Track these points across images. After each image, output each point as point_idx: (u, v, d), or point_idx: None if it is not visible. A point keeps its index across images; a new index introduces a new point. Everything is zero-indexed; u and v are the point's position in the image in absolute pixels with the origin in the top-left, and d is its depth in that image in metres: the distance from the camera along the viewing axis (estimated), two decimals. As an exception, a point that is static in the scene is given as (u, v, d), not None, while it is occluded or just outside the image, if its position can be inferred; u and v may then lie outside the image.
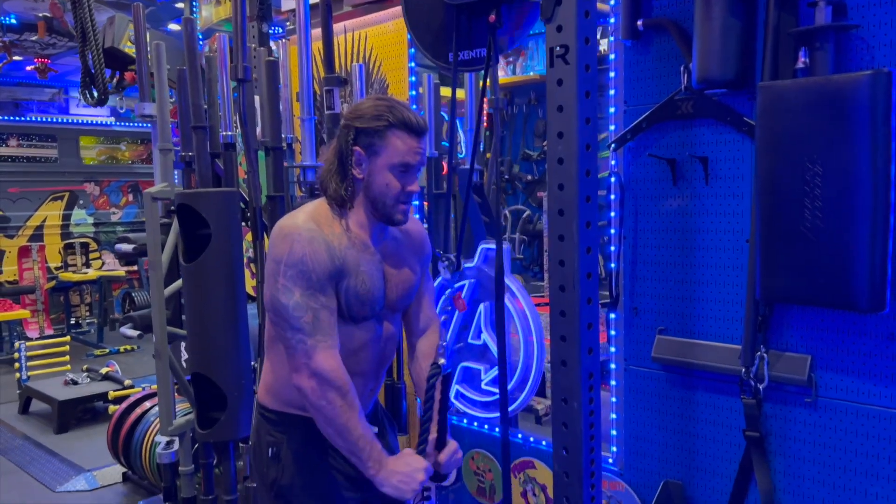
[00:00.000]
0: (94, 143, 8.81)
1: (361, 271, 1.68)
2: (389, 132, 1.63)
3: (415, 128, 1.64)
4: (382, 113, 1.63)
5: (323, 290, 1.62)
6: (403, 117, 1.63)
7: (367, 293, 1.70)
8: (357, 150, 1.65)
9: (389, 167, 1.65)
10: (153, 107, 3.05)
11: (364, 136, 1.64)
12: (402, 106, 1.66)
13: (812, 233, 1.83)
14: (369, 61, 3.17)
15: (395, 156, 1.64)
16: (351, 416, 1.61)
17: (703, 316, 2.21)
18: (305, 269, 1.60)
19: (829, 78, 1.81)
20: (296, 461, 1.75)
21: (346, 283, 1.66)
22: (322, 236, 1.64)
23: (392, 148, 1.64)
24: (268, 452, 1.76)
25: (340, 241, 1.66)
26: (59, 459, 4.48)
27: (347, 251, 1.66)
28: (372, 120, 1.63)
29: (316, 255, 1.61)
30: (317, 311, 1.61)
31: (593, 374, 1.54)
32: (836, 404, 1.96)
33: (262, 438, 1.78)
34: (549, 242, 1.53)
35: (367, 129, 1.63)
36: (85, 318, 8.35)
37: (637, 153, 2.33)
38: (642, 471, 2.39)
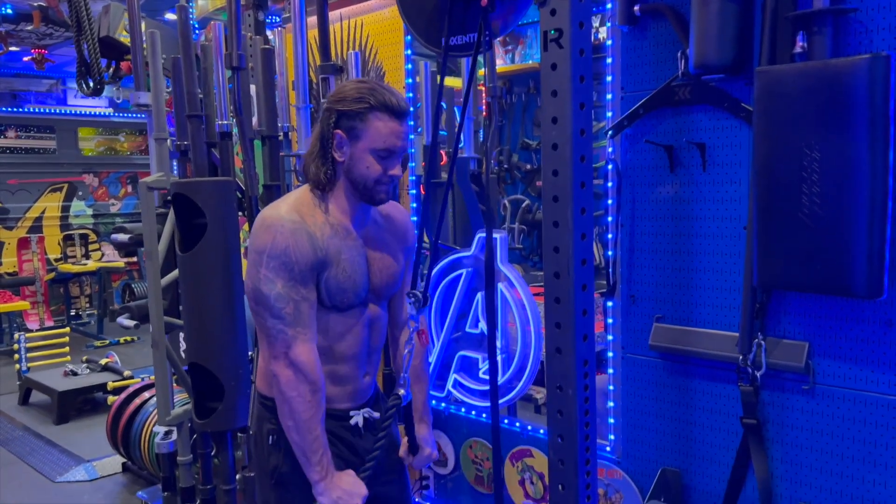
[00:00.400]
0: (92, 134, 8.79)
1: (343, 259, 1.68)
2: (371, 115, 1.62)
3: (396, 110, 1.63)
4: (364, 95, 1.62)
5: (304, 282, 1.63)
6: (385, 100, 1.62)
7: (349, 281, 1.70)
8: (338, 133, 1.64)
9: (371, 150, 1.64)
10: (148, 96, 3.03)
11: (345, 119, 1.63)
12: (385, 88, 1.65)
13: (810, 219, 1.82)
14: (365, 49, 3.15)
15: (377, 139, 1.63)
16: (314, 415, 1.62)
17: (700, 303, 2.20)
18: (288, 261, 1.60)
19: (828, 62, 1.80)
20: None
21: (327, 273, 1.66)
22: (305, 227, 1.64)
23: (373, 131, 1.63)
24: (268, 440, 1.76)
25: (323, 230, 1.66)
26: (59, 450, 4.49)
27: (330, 241, 1.66)
28: (353, 102, 1.62)
29: (299, 246, 1.61)
30: (298, 303, 1.61)
31: (588, 361, 1.53)
32: (833, 391, 1.96)
33: (263, 426, 1.78)
34: (544, 229, 1.52)
35: (348, 111, 1.62)
36: (85, 309, 8.36)
37: (634, 140, 2.32)
38: (640, 459, 2.39)
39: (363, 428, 1.80)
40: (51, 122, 8.33)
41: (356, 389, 1.81)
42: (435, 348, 2.94)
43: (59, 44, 6.38)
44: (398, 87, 3.08)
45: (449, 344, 2.92)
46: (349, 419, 1.78)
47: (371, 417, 1.82)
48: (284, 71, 3.07)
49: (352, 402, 1.80)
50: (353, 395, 1.80)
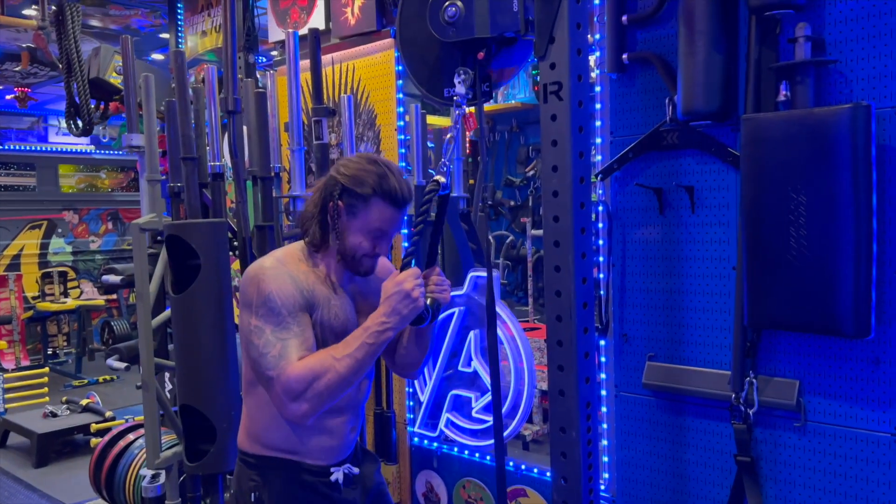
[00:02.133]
0: (73, 171, 8.73)
1: (333, 304, 1.71)
2: (373, 200, 1.66)
3: (398, 200, 1.68)
4: (374, 183, 1.66)
5: (295, 321, 1.63)
6: (390, 189, 1.66)
7: (342, 325, 1.72)
8: (340, 204, 1.69)
9: (365, 231, 1.69)
10: (142, 138, 3.05)
11: (348, 196, 1.68)
12: (395, 176, 1.68)
13: (797, 260, 1.88)
14: (357, 92, 3.20)
15: (373, 223, 1.68)
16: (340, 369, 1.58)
17: (692, 342, 2.25)
18: (274, 306, 1.62)
19: (811, 111, 1.88)
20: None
21: (318, 314, 1.68)
22: (286, 271, 1.67)
23: (371, 215, 1.68)
24: (250, 497, 1.76)
25: (307, 276, 1.70)
26: (39, 494, 4.38)
27: (315, 285, 1.70)
28: (359, 184, 1.66)
29: (282, 289, 1.63)
30: (285, 342, 1.61)
31: (591, 403, 1.56)
32: (825, 428, 2.00)
33: (244, 485, 1.78)
34: (546, 273, 1.55)
35: (353, 190, 1.67)
36: (62, 348, 8.21)
37: (624, 183, 2.38)
38: (634, 497, 2.41)
39: (343, 483, 1.80)
40: (31, 159, 8.27)
41: (340, 444, 1.81)
42: (427, 387, 2.95)
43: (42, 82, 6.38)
44: (390, 128, 3.13)
45: (441, 382, 2.93)
46: (329, 475, 1.78)
47: (350, 473, 1.82)
48: (276, 112, 3.11)
49: (333, 459, 1.80)
50: (336, 451, 1.80)
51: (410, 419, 3.13)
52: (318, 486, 1.77)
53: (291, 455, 1.75)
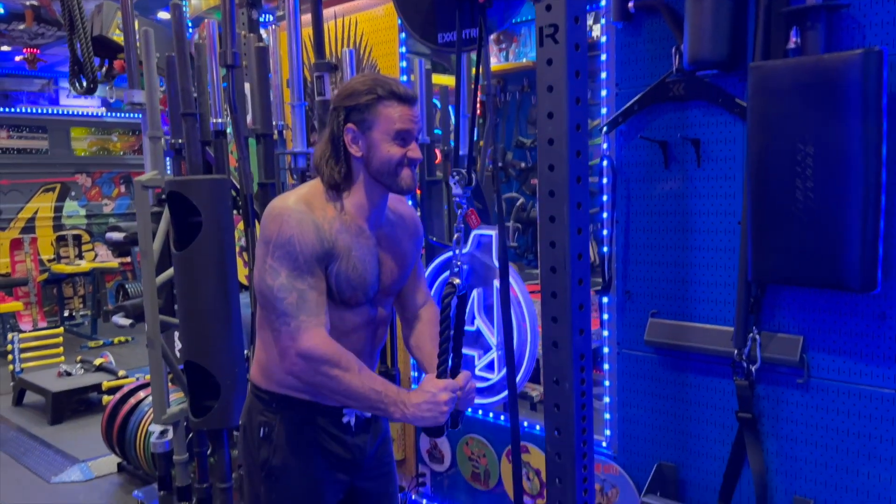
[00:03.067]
0: (85, 134, 8.75)
1: (353, 256, 1.67)
2: (379, 104, 1.62)
3: (403, 97, 1.64)
4: (369, 87, 1.62)
5: (311, 271, 1.61)
6: (391, 88, 1.63)
7: (359, 278, 1.68)
8: (350, 127, 1.64)
9: (386, 137, 1.63)
10: (142, 94, 3.02)
11: (355, 113, 1.63)
12: (388, 78, 1.66)
13: (803, 213, 1.83)
14: (360, 47, 3.15)
15: (390, 125, 1.63)
16: (351, 379, 1.59)
17: (695, 298, 2.21)
18: (293, 251, 1.59)
19: (821, 57, 1.81)
20: (288, 442, 1.75)
21: (336, 266, 1.64)
22: (312, 218, 1.62)
23: (385, 118, 1.62)
24: (259, 432, 1.76)
25: (332, 224, 1.65)
26: (54, 451, 4.47)
27: (339, 234, 1.65)
28: (360, 96, 1.62)
29: (304, 236, 1.60)
30: (302, 292, 1.59)
31: (584, 354, 1.53)
32: (828, 385, 1.97)
33: (254, 418, 1.78)
34: (540, 224, 1.52)
35: (356, 105, 1.62)
36: (78, 310, 8.32)
37: (629, 136, 2.32)
38: (636, 454, 2.40)
39: (354, 426, 1.80)
40: (43, 122, 8.28)
41: None
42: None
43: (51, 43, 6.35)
44: (393, 84, 3.07)
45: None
46: (341, 417, 1.78)
47: (362, 416, 1.81)
48: (279, 69, 3.06)
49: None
50: None
51: (415, 377, 3.14)
52: (329, 427, 1.77)
53: (304, 394, 1.73)
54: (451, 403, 1.63)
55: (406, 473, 3.23)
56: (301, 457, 1.75)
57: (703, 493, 2.24)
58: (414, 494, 3.18)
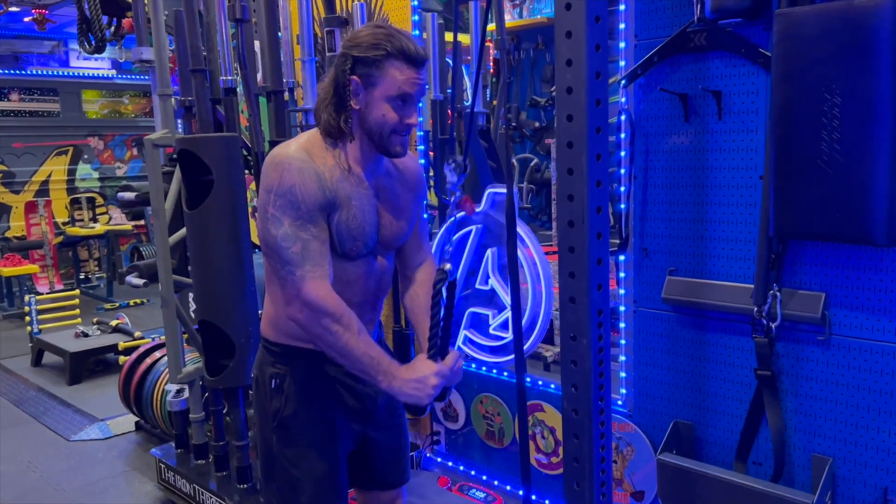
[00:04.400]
0: (96, 96, 8.71)
1: (353, 205, 1.65)
2: (387, 62, 1.57)
3: (414, 57, 1.58)
4: (380, 42, 1.56)
5: (313, 220, 1.59)
6: (402, 46, 1.57)
7: (359, 228, 1.67)
8: (354, 79, 1.59)
9: (387, 98, 1.60)
10: (151, 51, 2.97)
11: (361, 66, 1.58)
12: (402, 35, 1.59)
13: (829, 166, 1.78)
14: (371, 0, 3.07)
15: (393, 86, 1.58)
16: (350, 338, 1.59)
17: (714, 255, 2.17)
18: (295, 200, 1.57)
19: (850, 2, 1.73)
20: (298, 392, 1.75)
21: (337, 216, 1.63)
22: (313, 166, 1.60)
23: (390, 78, 1.58)
24: (271, 384, 1.76)
25: (332, 172, 1.63)
26: (73, 410, 4.53)
27: (339, 183, 1.63)
28: (369, 49, 1.56)
29: (305, 185, 1.58)
30: (306, 242, 1.58)
31: (602, 310, 1.50)
32: (850, 342, 1.94)
33: (265, 370, 1.78)
34: (558, 176, 1.48)
35: (364, 58, 1.57)
36: (94, 272, 8.38)
37: (648, 89, 2.26)
38: (652, 412, 2.39)
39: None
40: (54, 84, 8.24)
41: None
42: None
43: (59, 3, 6.27)
44: (405, 39, 3.01)
45: (459, 301, 2.90)
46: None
47: None
48: (289, 25, 3.00)
49: None
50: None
51: (428, 337, 3.13)
52: (339, 376, 1.77)
53: (314, 345, 1.71)
54: (439, 389, 1.64)
55: (421, 431, 3.24)
56: (312, 406, 1.76)
57: (719, 451, 2.23)
58: (429, 452, 3.20)
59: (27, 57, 8.04)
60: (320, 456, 1.77)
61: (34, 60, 8.11)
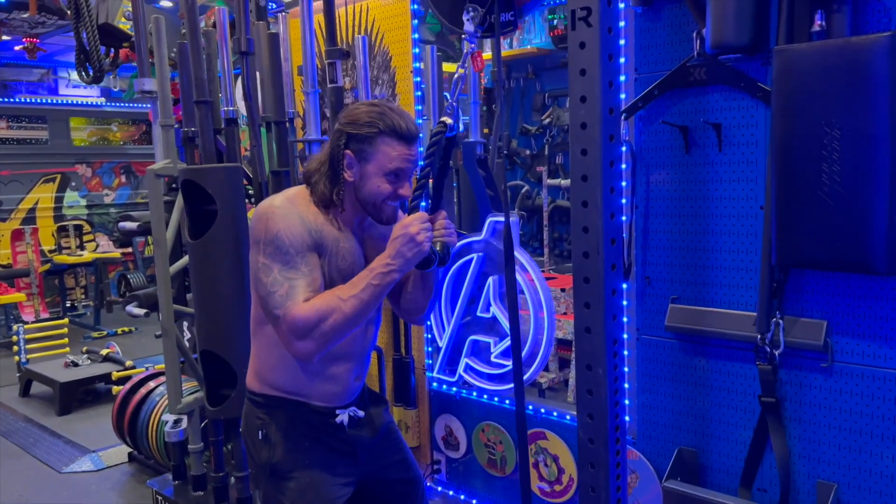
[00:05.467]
0: (84, 124, 8.69)
1: (342, 247, 1.71)
2: (379, 139, 1.64)
3: (405, 135, 1.65)
4: (373, 119, 1.64)
5: (303, 260, 1.62)
6: (394, 124, 1.63)
7: (349, 268, 1.71)
8: (348, 153, 1.67)
9: (380, 172, 1.66)
10: (154, 82, 3.00)
11: (355, 142, 1.66)
12: (395, 113, 1.66)
13: (829, 197, 1.83)
14: (372, 33, 3.12)
15: (386, 162, 1.65)
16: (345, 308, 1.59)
17: (716, 283, 2.21)
18: (282, 245, 1.61)
19: (848, 40, 1.80)
20: (285, 439, 1.77)
21: (327, 256, 1.68)
22: (296, 211, 1.66)
23: (382, 155, 1.65)
24: (258, 434, 1.79)
25: (316, 218, 1.68)
26: (64, 441, 4.47)
27: (324, 226, 1.68)
28: (363, 126, 1.64)
29: (290, 229, 1.62)
30: (293, 281, 1.61)
31: (617, 340, 1.54)
32: (852, 369, 1.97)
33: (252, 422, 1.81)
34: (573, 209, 1.52)
35: (357, 134, 1.65)
36: (81, 300, 8.30)
37: (648, 121, 2.31)
38: (656, 439, 2.40)
39: (348, 425, 1.81)
40: (42, 111, 8.23)
41: (345, 391, 1.83)
42: (445, 333, 2.95)
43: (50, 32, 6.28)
44: (405, 70, 3.06)
45: (460, 329, 2.92)
46: (334, 417, 1.79)
47: (356, 416, 1.82)
48: (289, 56, 3.04)
49: (338, 402, 1.81)
50: (341, 396, 1.82)
51: (429, 364, 3.14)
52: (322, 425, 1.79)
53: (297, 396, 1.77)
54: (426, 232, 1.62)
55: (421, 460, 3.24)
56: (300, 453, 1.77)
57: (724, 478, 2.25)
58: (429, 481, 3.19)
59: (16, 85, 8.03)
60: (317, 495, 1.78)
61: (23, 88, 8.09)
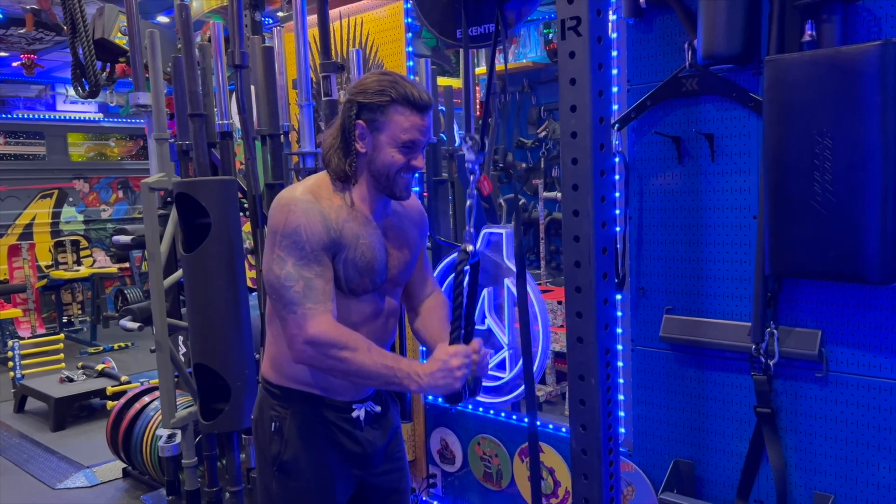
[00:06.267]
0: (82, 139, 8.71)
1: (361, 243, 1.67)
2: (392, 108, 1.61)
3: (418, 104, 1.62)
4: (385, 88, 1.60)
5: (318, 260, 1.60)
6: (407, 92, 1.61)
7: (367, 265, 1.68)
8: (360, 123, 1.63)
9: (393, 142, 1.63)
10: (148, 96, 3.00)
11: (367, 111, 1.62)
12: (407, 81, 1.63)
13: (822, 206, 1.82)
14: (366, 47, 3.14)
15: (399, 132, 1.62)
16: (362, 358, 1.58)
17: (711, 294, 2.21)
18: (300, 240, 1.59)
19: (838, 49, 1.80)
20: (299, 437, 1.74)
21: (343, 255, 1.65)
22: (318, 208, 1.63)
23: (395, 124, 1.62)
24: (271, 427, 1.75)
25: (339, 213, 1.65)
26: (58, 457, 4.44)
27: (346, 223, 1.65)
28: (374, 95, 1.60)
29: (311, 226, 1.60)
30: (309, 280, 1.59)
31: (610, 350, 1.52)
32: (847, 378, 1.96)
33: (266, 413, 1.78)
34: (564, 218, 1.51)
35: (369, 104, 1.61)
36: (77, 316, 8.27)
37: (641, 132, 2.32)
38: (651, 451, 2.39)
39: (364, 421, 1.79)
40: (40, 127, 8.25)
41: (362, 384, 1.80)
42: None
43: (48, 48, 6.31)
44: (399, 84, 3.06)
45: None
46: (351, 412, 1.77)
47: (372, 411, 1.81)
48: (284, 70, 3.05)
49: (355, 396, 1.79)
50: (358, 389, 1.79)
51: (424, 378, 3.12)
52: (339, 422, 1.76)
53: (314, 388, 1.73)
54: (465, 368, 1.60)
55: (417, 474, 3.21)
56: (312, 451, 1.74)
57: (720, 490, 2.23)
58: (425, 496, 3.17)
59: (14, 101, 8.05)
60: (319, 501, 1.76)
61: (20, 104, 8.11)
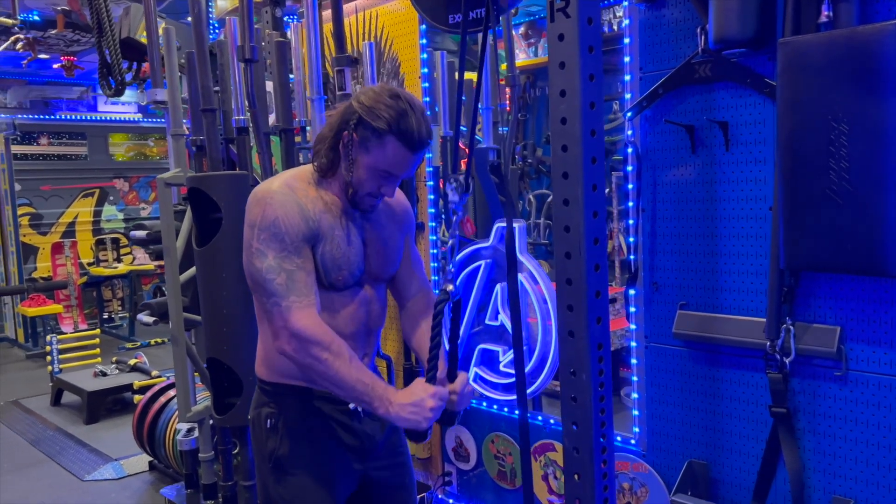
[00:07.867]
0: (123, 139, 8.91)
1: (337, 236, 1.66)
2: (387, 138, 1.59)
3: (415, 143, 1.60)
4: (391, 118, 1.57)
5: (297, 251, 1.60)
6: (407, 128, 1.58)
7: (344, 258, 1.67)
8: (353, 136, 1.63)
9: (373, 168, 1.63)
10: (165, 92, 3.03)
11: (363, 129, 1.61)
12: (414, 116, 1.59)
13: (839, 196, 1.73)
14: (381, 40, 3.11)
15: (383, 162, 1.62)
16: (340, 365, 1.57)
17: (725, 289, 2.12)
18: (278, 232, 1.58)
19: (855, 30, 1.71)
20: (294, 431, 1.72)
21: (321, 247, 1.64)
22: (295, 199, 1.62)
23: (383, 154, 1.61)
24: (266, 424, 1.75)
25: (315, 204, 1.64)
26: (88, 449, 4.53)
27: (322, 215, 1.64)
28: (377, 119, 1.58)
29: (288, 217, 1.59)
30: (291, 273, 1.58)
31: (602, 344, 1.46)
32: (868, 377, 1.86)
33: (260, 410, 1.77)
34: (554, 208, 1.46)
35: (369, 124, 1.59)
36: (117, 312, 8.47)
37: (654, 121, 2.24)
38: (665, 451, 2.31)
39: (362, 412, 1.76)
40: (82, 128, 8.46)
41: None
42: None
43: (87, 50, 6.46)
44: (413, 77, 3.03)
45: (470, 338, 2.87)
46: (348, 403, 1.74)
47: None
48: (301, 66, 3.04)
49: None
50: None
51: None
52: (335, 414, 1.74)
53: (306, 382, 1.71)
54: (437, 412, 1.60)
55: (432, 472, 3.18)
56: (308, 446, 1.73)
57: (736, 492, 2.14)
58: (440, 494, 3.13)
59: (56, 102, 8.27)
60: (317, 497, 1.73)
61: (63, 106, 8.33)
